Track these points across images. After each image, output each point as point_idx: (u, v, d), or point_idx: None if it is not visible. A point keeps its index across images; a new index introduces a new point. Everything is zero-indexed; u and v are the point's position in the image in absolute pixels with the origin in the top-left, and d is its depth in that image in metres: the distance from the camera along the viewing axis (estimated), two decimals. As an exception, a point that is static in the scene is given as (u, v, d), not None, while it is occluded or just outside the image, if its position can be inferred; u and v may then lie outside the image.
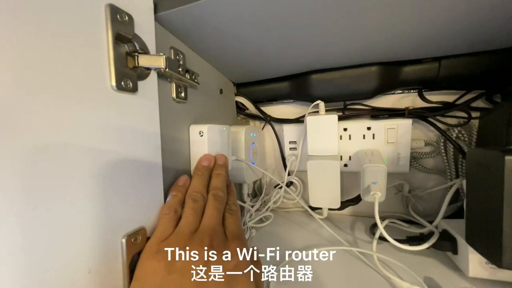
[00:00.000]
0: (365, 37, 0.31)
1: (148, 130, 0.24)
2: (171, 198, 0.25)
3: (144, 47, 0.24)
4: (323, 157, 0.43)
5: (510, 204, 0.22)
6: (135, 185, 0.22)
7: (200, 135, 0.32)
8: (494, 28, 0.29)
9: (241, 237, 0.24)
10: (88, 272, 0.18)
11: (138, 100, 0.23)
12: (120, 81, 0.20)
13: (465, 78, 0.37)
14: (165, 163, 0.27)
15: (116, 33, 0.20)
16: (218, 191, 0.27)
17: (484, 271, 0.29)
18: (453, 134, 0.40)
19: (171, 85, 0.29)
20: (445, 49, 0.35)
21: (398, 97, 0.45)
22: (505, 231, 0.22)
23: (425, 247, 0.32)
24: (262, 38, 0.31)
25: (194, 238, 0.21)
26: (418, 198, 0.46)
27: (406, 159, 0.43)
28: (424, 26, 0.29)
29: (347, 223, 0.48)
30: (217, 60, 0.38)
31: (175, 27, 0.28)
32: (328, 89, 0.43)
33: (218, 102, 0.41)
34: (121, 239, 0.21)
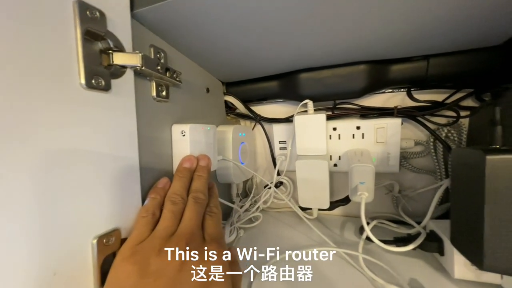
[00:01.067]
0: (353, 36, 0.31)
1: (123, 129, 0.24)
2: (149, 200, 0.25)
3: (119, 45, 0.23)
4: (312, 156, 0.43)
5: (492, 205, 0.21)
6: (108, 186, 0.22)
7: (182, 135, 0.31)
8: (482, 26, 0.29)
9: (219, 240, 0.24)
10: (53, 274, 0.18)
11: (111, 99, 0.22)
12: (90, 79, 0.20)
13: (454, 77, 0.37)
14: (144, 163, 0.27)
15: (85, 30, 0.20)
16: (198, 194, 0.26)
17: (469, 273, 0.28)
18: (442, 134, 0.40)
19: (151, 84, 0.28)
20: (434, 47, 0.35)
21: (388, 96, 0.44)
22: (486, 233, 0.21)
23: (410, 249, 0.32)
24: (247, 37, 0.31)
25: (170, 242, 0.21)
26: (408, 198, 0.45)
27: (396, 159, 0.43)
28: (412, 24, 0.28)
29: (337, 223, 0.48)
30: (203, 58, 0.37)
31: (155, 25, 0.28)
32: (316, 88, 0.43)
33: (204, 101, 0.41)
34: (92, 241, 0.20)
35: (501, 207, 0.21)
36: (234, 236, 0.40)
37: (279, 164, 0.49)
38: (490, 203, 0.21)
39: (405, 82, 0.40)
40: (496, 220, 0.21)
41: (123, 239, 0.24)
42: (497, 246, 0.21)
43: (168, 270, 0.19)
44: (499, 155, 0.21)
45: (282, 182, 0.51)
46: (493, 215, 0.21)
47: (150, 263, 0.19)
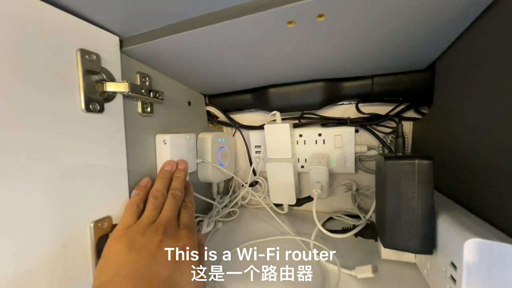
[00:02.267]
0: (311, 59, 0.38)
1: (114, 140, 0.31)
2: (134, 195, 0.31)
3: (111, 76, 0.30)
4: (280, 159, 0.50)
5: (390, 199, 0.28)
6: (102, 183, 0.29)
7: (164, 143, 0.38)
8: (407, 54, 0.35)
9: (191, 227, 0.29)
10: (62, 247, 0.25)
11: (105, 118, 0.29)
12: (88, 105, 0.27)
13: (394, 93, 0.44)
14: (132, 166, 0.34)
15: (85, 70, 0.27)
16: (176, 191, 0.33)
17: (392, 254, 0.35)
18: (387, 140, 0.47)
19: (137, 103, 0.35)
20: (377, 68, 0.42)
21: (347, 107, 0.51)
22: (386, 219, 0.28)
23: (349, 235, 0.38)
24: (225, 63, 0.38)
25: (152, 227, 0.27)
26: (364, 196, 0.52)
27: (351, 162, 0.50)
28: (359, 52, 0.35)
29: (304, 218, 0.55)
30: (184, 78, 0.45)
31: (141, 57, 0.35)
32: (283, 101, 0.50)
33: (186, 112, 0.48)
34: (90, 224, 0.27)
35: (395, 200, 0.28)
36: (212, 227, 0.47)
37: (255, 165, 0.56)
38: (389, 196, 0.28)
39: (355, 96, 0.47)
40: (392, 209, 0.28)
41: (114, 224, 0.31)
42: (393, 229, 0.28)
43: (150, 246, 0.24)
44: (394, 160, 0.28)
45: (257, 181, 0.58)
46: (390, 205, 0.28)
47: (135, 241, 0.25)
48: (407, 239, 0.28)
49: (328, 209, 0.56)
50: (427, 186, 0.27)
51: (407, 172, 0.27)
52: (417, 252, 0.28)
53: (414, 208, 0.27)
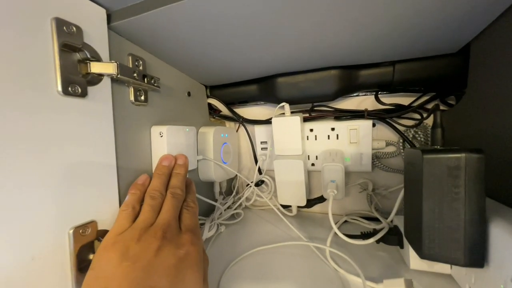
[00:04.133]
0: (324, 44, 0.33)
1: (100, 131, 0.26)
2: (129, 196, 0.27)
3: (96, 55, 0.26)
4: (289, 156, 0.45)
5: (428, 200, 0.24)
6: (86, 182, 0.24)
7: (160, 136, 0.34)
8: (438, 35, 0.31)
9: (194, 230, 0.26)
10: (31, 260, 0.20)
11: (88, 104, 0.25)
12: (67, 87, 0.22)
13: (418, 82, 0.39)
14: (123, 162, 0.29)
15: (62, 43, 0.22)
16: (176, 189, 0.28)
17: (423, 264, 0.31)
18: (410, 135, 0.42)
19: (129, 89, 0.31)
20: (398, 54, 0.37)
21: (362, 98, 0.47)
22: (424, 224, 0.24)
23: (371, 242, 0.34)
24: (226, 44, 0.33)
25: (149, 231, 0.23)
26: (381, 196, 0.48)
27: (368, 159, 0.45)
28: (378, 33, 0.30)
29: (315, 220, 0.50)
30: (183, 64, 0.40)
31: (132, 35, 0.30)
32: (292, 92, 0.45)
33: (185, 104, 0.43)
34: (69, 231, 0.23)
35: (436, 201, 0.23)
36: (214, 231, 0.42)
37: (261, 163, 0.52)
38: (427, 197, 0.24)
39: (373, 86, 0.42)
40: (432, 213, 0.23)
41: (100, 230, 0.26)
42: (432, 236, 0.24)
43: (145, 255, 0.21)
44: (435, 154, 0.23)
45: (263, 180, 0.53)
46: (429, 208, 0.23)
47: (129, 249, 0.21)
48: (451, 249, 0.23)
49: (341, 211, 0.52)
50: (476, 184, 0.22)
51: (451, 168, 0.23)
52: (464, 265, 0.23)
53: (460, 211, 0.23)
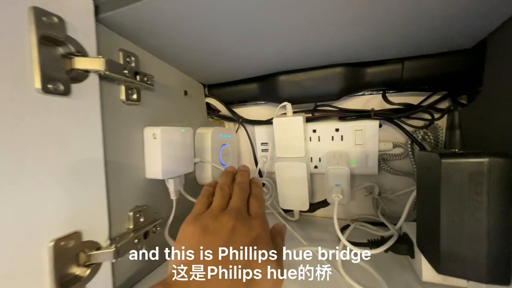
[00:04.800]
0: (329, 40, 0.31)
1: (86, 132, 0.24)
2: (204, 190, 0.30)
3: (82, 50, 0.23)
4: (291, 158, 0.43)
5: (447, 209, 0.21)
6: (68, 190, 0.22)
7: (153, 137, 0.31)
8: (452, 30, 0.29)
9: (262, 216, 0.27)
10: (3, 279, 0.18)
11: (71, 103, 0.22)
12: (46, 84, 0.20)
13: (428, 80, 0.37)
14: (113, 166, 0.27)
15: (41, 36, 0.20)
16: (242, 184, 0.31)
17: (436, 276, 0.28)
18: (419, 136, 0.40)
19: (119, 88, 0.29)
20: (408, 50, 0.35)
21: (368, 98, 0.44)
22: (442, 236, 0.21)
23: (380, 251, 0.32)
24: (223, 36, 0.31)
25: (223, 213, 0.25)
26: (388, 200, 0.45)
27: (374, 161, 0.43)
28: (387, 27, 0.28)
29: (318, 225, 0.48)
30: (179, 61, 0.38)
31: (123, 29, 0.28)
32: (295, 91, 0.43)
33: (182, 103, 0.41)
34: (48, 244, 0.21)
35: (456, 210, 0.21)
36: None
37: (261, 165, 0.49)
38: (445, 206, 0.21)
39: (381, 84, 0.40)
40: (451, 223, 0.21)
41: (86, 242, 0.24)
42: (452, 249, 0.21)
43: (223, 230, 0.23)
44: (454, 158, 0.21)
45: (264, 183, 0.51)
46: (448, 218, 0.21)
47: (209, 225, 0.24)
48: (472, 264, 0.21)
49: (345, 215, 0.49)
50: (501, 192, 0.20)
51: (473, 173, 0.20)
52: (487, 282, 0.21)
53: (482, 221, 0.20)
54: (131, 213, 0.30)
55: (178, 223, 0.28)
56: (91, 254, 0.24)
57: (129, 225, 0.30)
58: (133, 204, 0.31)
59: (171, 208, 0.35)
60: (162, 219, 0.34)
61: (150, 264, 0.33)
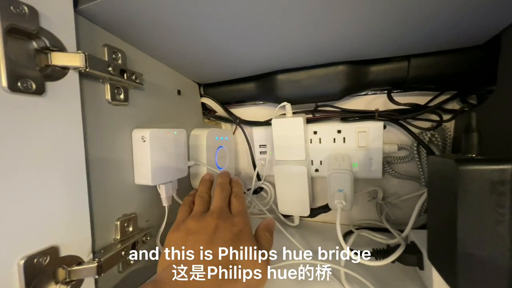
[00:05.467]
0: (330, 35, 0.29)
1: (64, 135, 0.21)
2: (184, 201, 0.31)
3: (58, 44, 0.21)
4: (290, 162, 0.41)
5: (465, 221, 0.19)
6: (43, 199, 0.20)
7: (142, 140, 0.29)
8: (463, 25, 0.27)
9: (244, 213, 0.28)
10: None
11: (46, 103, 0.20)
12: (15, 82, 0.18)
13: (436, 79, 0.35)
14: (97, 173, 0.25)
15: (8, 27, 0.18)
16: (222, 184, 0.31)
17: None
18: (426, 138, 0.37)
19: (104, 86, 0.26)
20: (415, 47, 0.33)
21: (371, 98, 0.42)
22: (459, 251, 0.19)
23: (387, 262, 0.29)
24: (215, 31, 0.28)
25: (205, 215, 0.26)
26: (392, 205, 0.43)
27: (378, 164, 0.41)
28: (393, 21, 0.26)
29: (318, 231, 0.46)
30: (171, 58, 0.35)
31: (108, 22, 0.26)
32: (295, 90, 0.41)
33: (175, 104, 0.39)
34: (19, 261, 0.18)
35: (475, 223, 0.19)
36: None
37: (259, 168, 0.47)
38: (463, 218, 0.19)
39: (385, 83, 0.38)
40: (469, 238, 0.19)
41: (65, 257, 0.22)
42: (471, 266, 0.19)
43: (206, 231, 0.24)
44: (474, 165, 0.19)
45: (262, 187, 0.48)
46: (466, 232, 0.19)
47: (191, 228, 0.25)
48: (494, 283, 0.19)
49: (347, 221, 0.47)
50: (527, 204, 0.18)
51: (495, 182, 0.18)
52: (511, 303, 0.18)
53: (505, 236, 0.18)
54: (118, 222, 0.28)
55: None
56: (71, 270, 0.22)
57: (116, 236, 0.28)
58: (121, 212, 0.29)
59: (163, 215, 0.33)
60: (153, 227, 0.32)
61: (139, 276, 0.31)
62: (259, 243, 0.25)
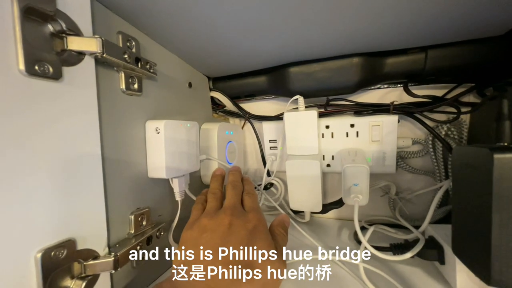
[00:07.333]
0: (345, 26, 0.28)
1: (80, 123, 0.21)
2: (197, 199, 0.31)
3: (75, 28, 0.20)
4: (303, 156, 0.40)
5: (501, 212, 0.18)
6: (60, 191, 0.19)
7: (156, 132, 0.28)
8: (483, 14, 0.26)
9: (258, 210, 0.27)
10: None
11: (62, 88, 0.19)
12: (32, 65, 0.17)
13: (454, 70, 0.34)
14: (111, 162, 0.24)
15: (25, 7, 0.17)
16: (234, 182, 0.31)
17: (473, 285, 0.26)
18: (442, 131, 0.37)
19: (119, 75, 0.25)
20: (432, 37, 0.32)
21: (384, 91, 0.42)
22: (494, 244, 0.19)
23: (407, 257, 0.29)
24: (228, 21, 0.27)
25: (219, 212, 0.26)
26: (406, 200, 0.43)
27: (392, 159, 0.40)
28: (409, 13, 0.25)
29: (331, 227, 0.45)
30: (183, 50, 0.35)
31: (123, 9, 0.25)
32: (307, 83, 0.40)
33: (186, 96, 0.38)
34: (36, 254, 0.17)
35: (509, 215, 0.18)
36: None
37: (269, 164, 0.46)
38: (499, 209, 0.18)
39: (401, 76, 0.37)
40: (506, 229, 0.18)
41: (81, 250, 0.21)
42: (506, 259, 0.18)
43: (220, 228, 0.24)
44: (509, 153, 0.18)
45: (272, 183, 0.48)
46: (503, 223, 0.18)
47: (205, 225, 0.24)
48: (531, 275, 0.18)
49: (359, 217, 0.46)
50: None
51: (532, 171, 0.18)
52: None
53: (543, 227, 0.18)
54: (132, 216, 0.27)
55: (183, 226, 0.26)
56: (87, 264, 0.21)
57: (130, 230, 0.27)
58: (134, 206, 0.28)
59: (175, 210, 0.32)
60: (165, 222, 0.31)
61: (154, 272, 0.30)
62: (274, 240, 0.25)
